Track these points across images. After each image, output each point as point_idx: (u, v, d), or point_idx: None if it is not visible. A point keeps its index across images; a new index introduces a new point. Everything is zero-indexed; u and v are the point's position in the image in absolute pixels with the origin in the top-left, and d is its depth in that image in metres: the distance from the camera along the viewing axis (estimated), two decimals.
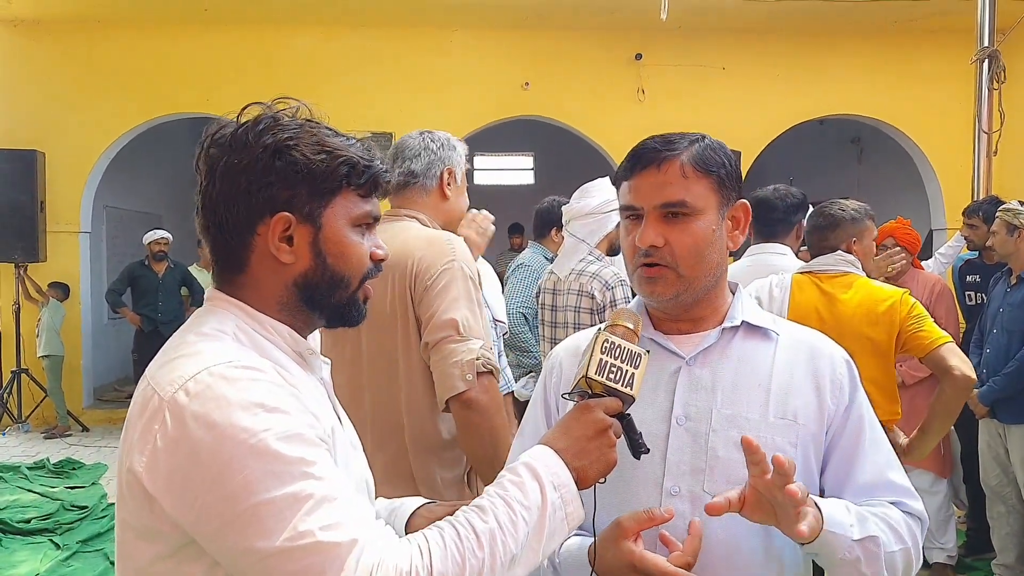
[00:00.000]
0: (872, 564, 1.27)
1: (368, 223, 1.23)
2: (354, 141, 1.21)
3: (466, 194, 2.45)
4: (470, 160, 2.52)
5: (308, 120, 1.19)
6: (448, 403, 2.05)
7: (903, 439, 2.87)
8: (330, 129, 1.20)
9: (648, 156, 1.35)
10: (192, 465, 1.01)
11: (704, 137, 1.39)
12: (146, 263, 8.26)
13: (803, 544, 1.24)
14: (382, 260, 1.25)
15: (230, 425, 1.01)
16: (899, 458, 2.87)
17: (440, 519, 1.11)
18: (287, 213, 1.15)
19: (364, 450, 2.27)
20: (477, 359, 2.01)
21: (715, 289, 1.40)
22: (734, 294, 1.45)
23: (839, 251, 2.98)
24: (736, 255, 6.47)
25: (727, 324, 1.40)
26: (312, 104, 1.23)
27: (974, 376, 2.76)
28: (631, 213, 1.38)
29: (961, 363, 2.73)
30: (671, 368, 1.37)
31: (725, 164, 1.37)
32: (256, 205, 1.14)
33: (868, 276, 3.02)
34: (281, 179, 1.13)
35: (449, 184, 2.36)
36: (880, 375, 2.79)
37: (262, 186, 1.13)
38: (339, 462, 1.17)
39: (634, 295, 1.50)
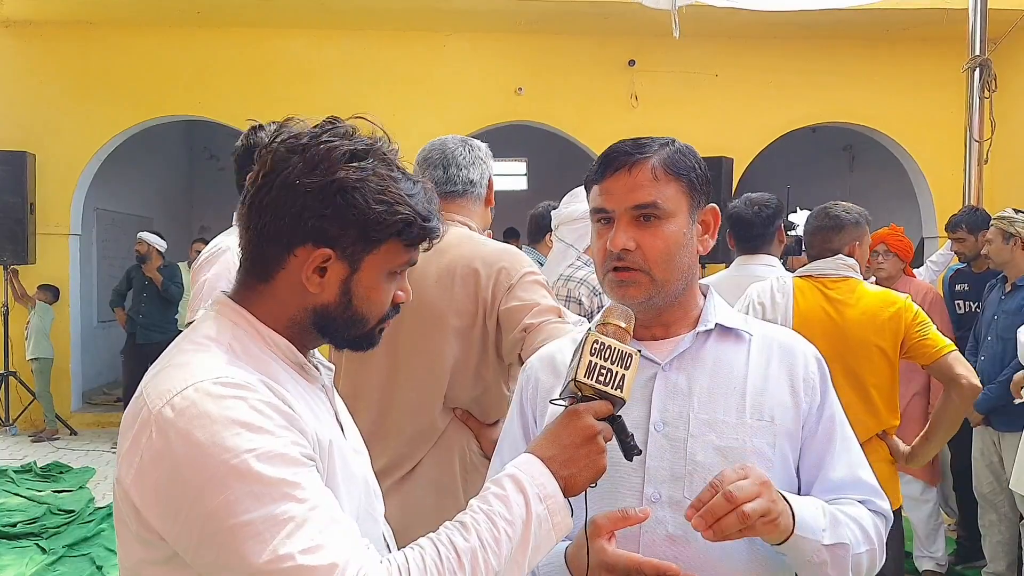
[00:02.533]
0: (838, 567, 1.29)
1: (403, 270, 1.23)
2: (419, 189, 1.19)
3: None
4: None
5: (383, 157, 1.17)
6: None
7: (903, 447, 2.86)
8: (401, 172, 1.18)
9: (619, 159, 1.35)
10: (174, 481, 1.02)
11: (674, 141, 1.39)
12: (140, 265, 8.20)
13: (773, 545, 1.26)
14: (402, 303, 1.25)
15: (212, 444, 1.01)
16: (899, 465, 2.86)
17: None
18: (329, 249, 1.14)
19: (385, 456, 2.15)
20: None
21: (686, 293, 1.40)
22: (705, 297, 1.45)
23: (840, 255, 2.93)
24: (713, 261, 6.43)
25: (701, 328, 1.40)
26: (391, 134, 1.21)
27: (979, 384, 2.76)
28: (602, 216, 1.38)
29: (967, 371, 2.74)
30: (647, 374, 1.37)
31: (695, 168, 1.38)
32: (303, 230, 1.13)
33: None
34: (336, 216, 1.12)
35: (490, 192, 2.41)
36: (885, 381, 2.78)
37: (315, 216, 1.12)
38: (339, 474, 1.17)
39: None
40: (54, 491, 6.13)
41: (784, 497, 1.23)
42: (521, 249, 4.69)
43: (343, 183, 1.12)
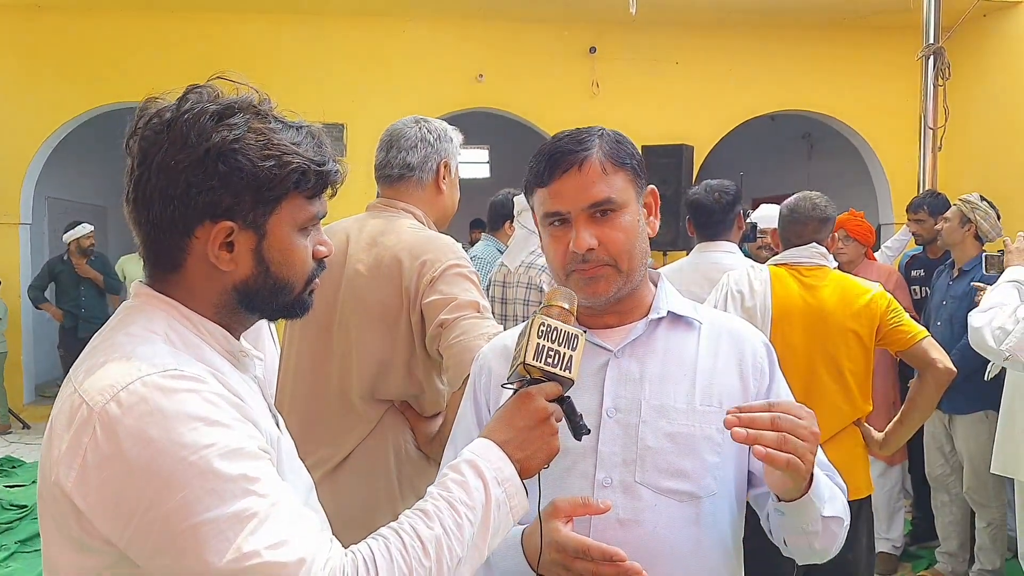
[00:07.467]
0: (826, 540, 1.32)
1: (314, 224, 1.17)
2: (304, 135, 1.13)
3: (458, 186, 2.37)
4: None
5: (255, 110, 1.11)
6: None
7: (877, 434, 2.90)
8: (279, 120, 1.12)
9: (566, 159, 1.34)
10: (127, 483, 0.95)
11: (603, 131, 1.39)
12: (66, 258, 7.93)
13: (781, 501, 1.26)
14: (325, 257, 1.19)
15: (168, 441, 0.95)
16: (871, 451, 2.91)
17: None
18: (228, 221, 1.07)
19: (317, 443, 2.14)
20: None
21: (641, 281, 1.41)
22: (656, 285, 1.46)
23: (814, 244, 2.96)
24: (674, 248, 6.44)
25: (653, 316, 1.41)
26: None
27: (955, 368, 2.81)
28: (556, 219, 1.36)
29: (942, 356, 2.79)
30: (599, 361, 1.38)
31: (634, 154, 1.39)
32: (195, 208, 1.07)
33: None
34: (224, 184, 1.06)
35: (444, 178, 2.28)
36: (861, 367, 2.81)
37: (203, 190, 1.06)
38: (285, 467, 1.13)
39: None
40: (6, 486, 6.00)
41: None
42: (481, 238, 4.68)
43: (220, 147, 1.05)
